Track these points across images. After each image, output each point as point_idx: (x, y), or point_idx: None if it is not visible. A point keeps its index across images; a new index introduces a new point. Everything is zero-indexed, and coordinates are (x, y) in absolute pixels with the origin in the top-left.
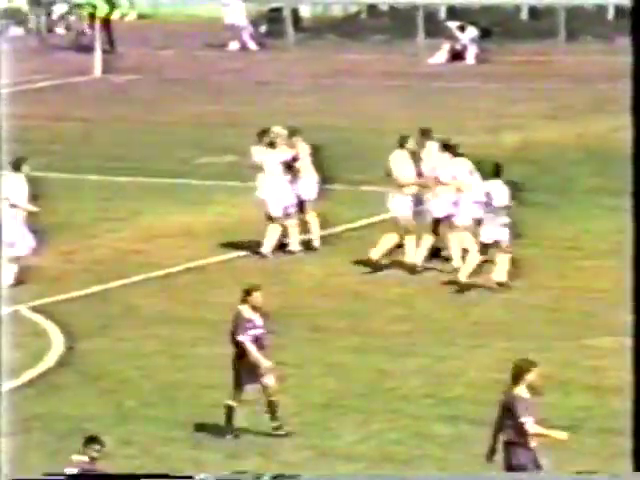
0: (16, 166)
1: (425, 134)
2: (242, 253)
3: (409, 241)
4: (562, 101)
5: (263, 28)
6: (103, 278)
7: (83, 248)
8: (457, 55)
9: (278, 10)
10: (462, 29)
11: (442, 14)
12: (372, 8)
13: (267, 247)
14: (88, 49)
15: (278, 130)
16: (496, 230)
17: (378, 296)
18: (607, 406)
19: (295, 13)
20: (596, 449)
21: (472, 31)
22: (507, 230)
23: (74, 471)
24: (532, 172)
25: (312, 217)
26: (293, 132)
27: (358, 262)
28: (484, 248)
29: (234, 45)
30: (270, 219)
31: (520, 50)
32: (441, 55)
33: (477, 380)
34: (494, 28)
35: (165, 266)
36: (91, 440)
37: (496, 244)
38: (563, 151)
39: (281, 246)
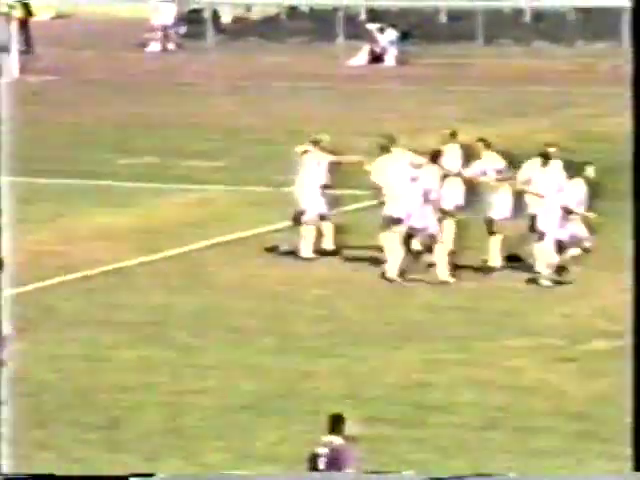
0: None
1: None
2: (162, 255)
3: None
4: (481, 103)
5: (183, 29)
6: (21, 280)
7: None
8: (377, 57)
9: (198, 11)
10: (382, 31)
11: (362, 16)
12: (292, 10)
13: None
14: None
15: None
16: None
17: (298, 297)
18: (524, 405)
19: (215, 14)
20: (513, 448)
21: (392, 33)
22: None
23: None
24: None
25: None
26: None
27: (277, 263)
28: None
29: (154, 46)
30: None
31: (439, 53)
32: (361, 57)
33: (397, 381)
34: (413, 30)
35: (84, 268)
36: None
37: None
38: None
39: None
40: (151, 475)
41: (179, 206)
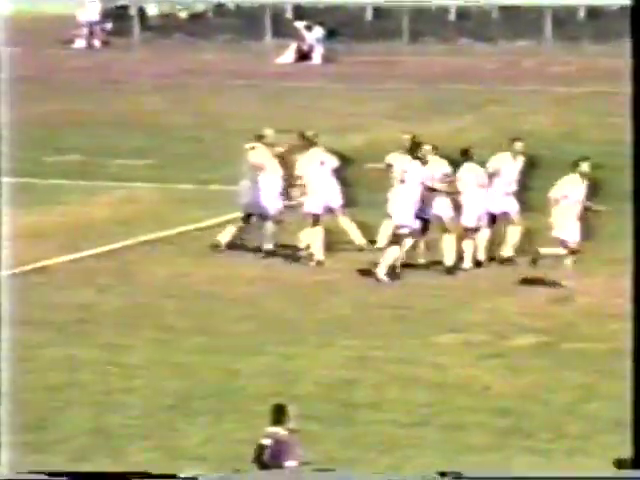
0: None
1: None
2: (89, 253)
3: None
4: (406, 101)
5: (109, 26)
6: None
7: None
8: (304, 55)
9: (124, 8)
10: (309, 29)
11: (289, 14)
12: (219, 7)
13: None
14: None
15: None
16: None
17: (225, 296)
18: (451, 402)
19: (141, 11)
20: (441, 445)
21: (318, 31)
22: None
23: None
24: (377, 173)
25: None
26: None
27: (204, 262)
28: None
29: (80, 43)
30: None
31: (365, 50)
32: (288, 55)
33: (325, 378)
34: (340, 28)
35: (11, 267)
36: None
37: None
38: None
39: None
40: (151, 475)
41: (107, 204)
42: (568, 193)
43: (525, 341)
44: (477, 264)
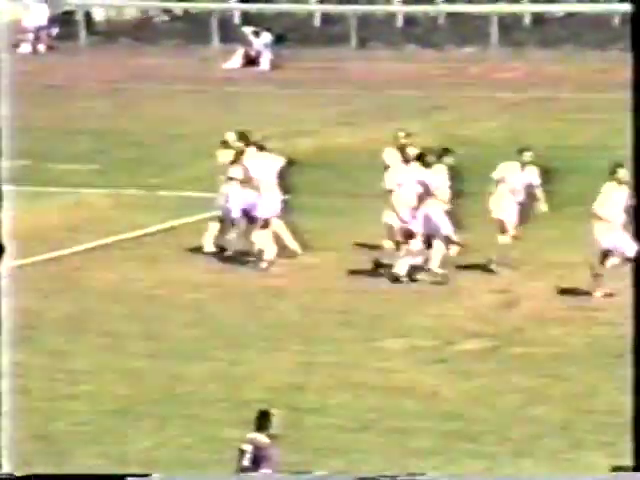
0: None
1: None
2: (35, 259)
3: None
4: (353, 107)
5: (55, 31)
6: None
7: None
8: (251, 60)
9: (71, 13)
10: (257, 35)
11: (237, 19)
12: (167, 12)
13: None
14: None
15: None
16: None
17: (172, 301)
18: (397, 406)
19: (88, 16)
20: (387, 448)
21: (266, 37)
22: None
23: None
24: (325, 177)
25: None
26: None
27: (152, 267)
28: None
29: (25, 47)
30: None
31: (313, 56)
32: (236, 60)
33: (272, 384)
34: (288, 34)
35: None
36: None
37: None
38: (355, 156)
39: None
40: (150, 475)
41: (52, 210)
42: (506, 177)
43: (471, 346)
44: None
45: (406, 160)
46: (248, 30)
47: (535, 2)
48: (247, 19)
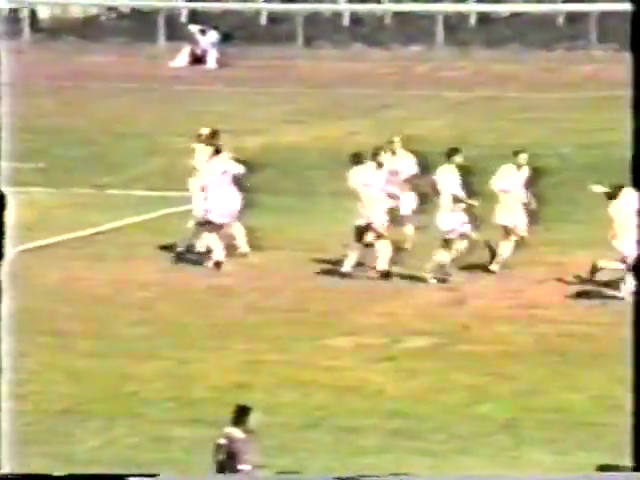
0: None
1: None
2: None
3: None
4: (301, 105)
5: None
6: None
7: None
8: (198, 58)
9: (14, 11)
10: (203, 33)
11: (183, 17)
12: (112, 10)
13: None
14: None
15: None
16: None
17: (119, 300)
18: (345, 405)
19: (33, 14)
20: (334, 447)
21: (213, 35)
22: None
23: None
24: (274, 176)
25: None
26: None
27: (100, 266)
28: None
29: None
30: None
31: (260, 54)
32: (182, 58)
33: (219, 382)
34: (235, 32)
35: None
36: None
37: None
38: (303, 154)
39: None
40: (152, 475)
41: None
42: (441, 181)
43: (417, 344)
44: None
45: (379, 163)
46: (195, 28)
47: (480, 2)
48: (194, 17)
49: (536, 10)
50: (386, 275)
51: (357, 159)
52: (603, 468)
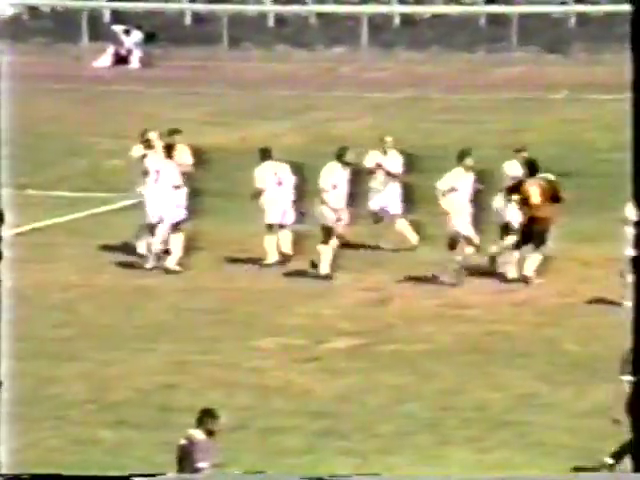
0: None
1: None
2: None
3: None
4: (226, 106)
5: None
6: None
7: None
8: (122, 59)
9: None
10: (127, 33)
11: (107, 17)
12: (33, 10)
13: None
14: None
15: None
16: None
17: (40, 301)
18: (269, 405)
19: None
20: (258, 447)
21: (137, 35)
22: None
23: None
24: (199, 177)
25: None
26: None
27: (21, 267)
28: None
29: None
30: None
31: (184, 55)
32: (106, 58)
33: (142, 384)
34: (159, 33)
35: None
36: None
37: None
38: (228, 156)
39: None
40: (153, 475)
41: None
42: (456, 187)
43: (341, 344)
44: (282, 262)
45: (345, 163)
46: (118, 28)
47: (404, 3)
48: (117, 17)
49: (458, 12)
50: (326, 277)
51: (265, 155)
52: (579, 469)
